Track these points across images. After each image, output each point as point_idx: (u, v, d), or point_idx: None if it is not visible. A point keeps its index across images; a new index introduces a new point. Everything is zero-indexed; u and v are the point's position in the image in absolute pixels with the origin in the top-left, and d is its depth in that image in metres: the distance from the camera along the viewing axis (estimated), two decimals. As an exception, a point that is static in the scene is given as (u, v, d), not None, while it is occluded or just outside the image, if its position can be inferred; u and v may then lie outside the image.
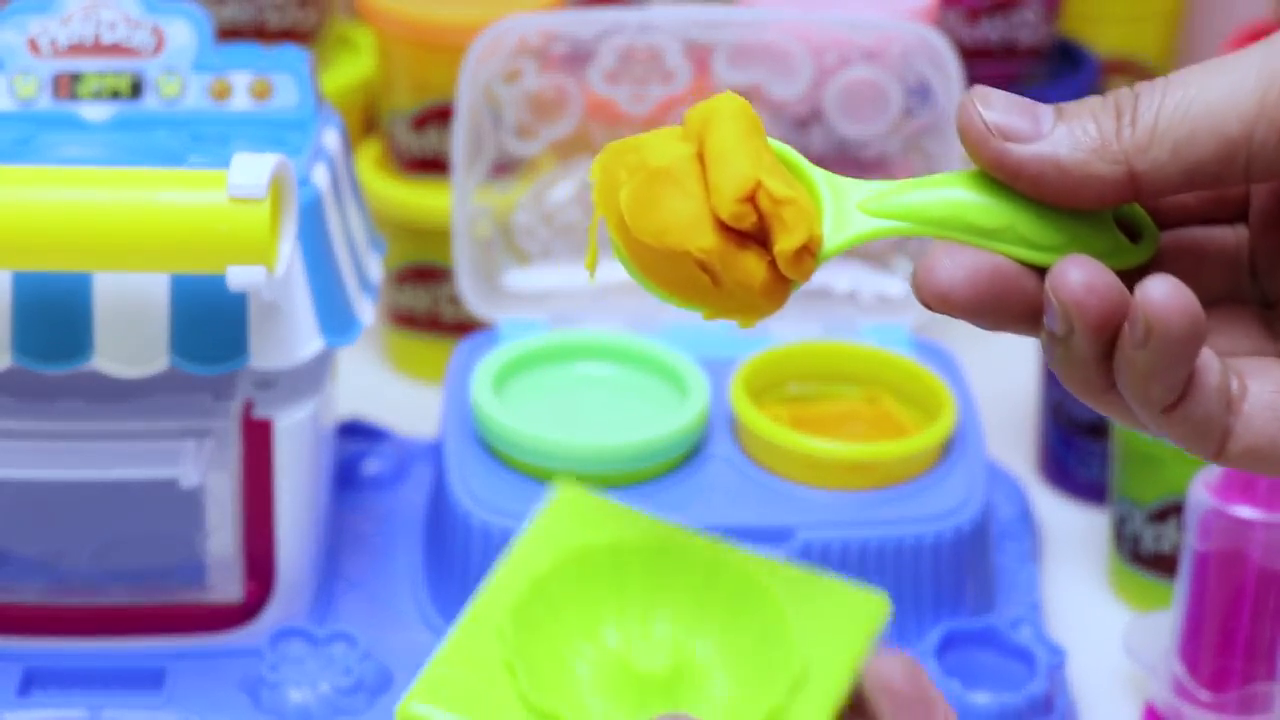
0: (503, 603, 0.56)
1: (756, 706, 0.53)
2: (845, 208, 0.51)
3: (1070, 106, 0.50)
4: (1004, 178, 0.50)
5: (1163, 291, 0.48)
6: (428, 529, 0.91)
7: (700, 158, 0.50)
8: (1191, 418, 0.50)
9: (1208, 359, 0.49)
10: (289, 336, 0.79)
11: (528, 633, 0.55)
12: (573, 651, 0.56)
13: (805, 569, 0.58)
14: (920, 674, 0.53)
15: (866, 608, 0.57)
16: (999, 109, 0.50)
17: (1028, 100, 0.50)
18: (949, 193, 0.51)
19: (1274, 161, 0.49)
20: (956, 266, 0.50)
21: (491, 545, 0.84)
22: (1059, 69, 1.20)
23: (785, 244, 0.50)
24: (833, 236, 0.51)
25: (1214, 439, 0.50)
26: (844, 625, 0.56)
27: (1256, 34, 1.17)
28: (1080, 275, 0.48)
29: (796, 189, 0.51)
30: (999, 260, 0.50)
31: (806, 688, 0.54)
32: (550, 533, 0.57)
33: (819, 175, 0.52)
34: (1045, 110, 0.50)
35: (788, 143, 0.53)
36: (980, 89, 0.51)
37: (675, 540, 0.57)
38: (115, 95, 0.84)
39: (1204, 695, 0.82)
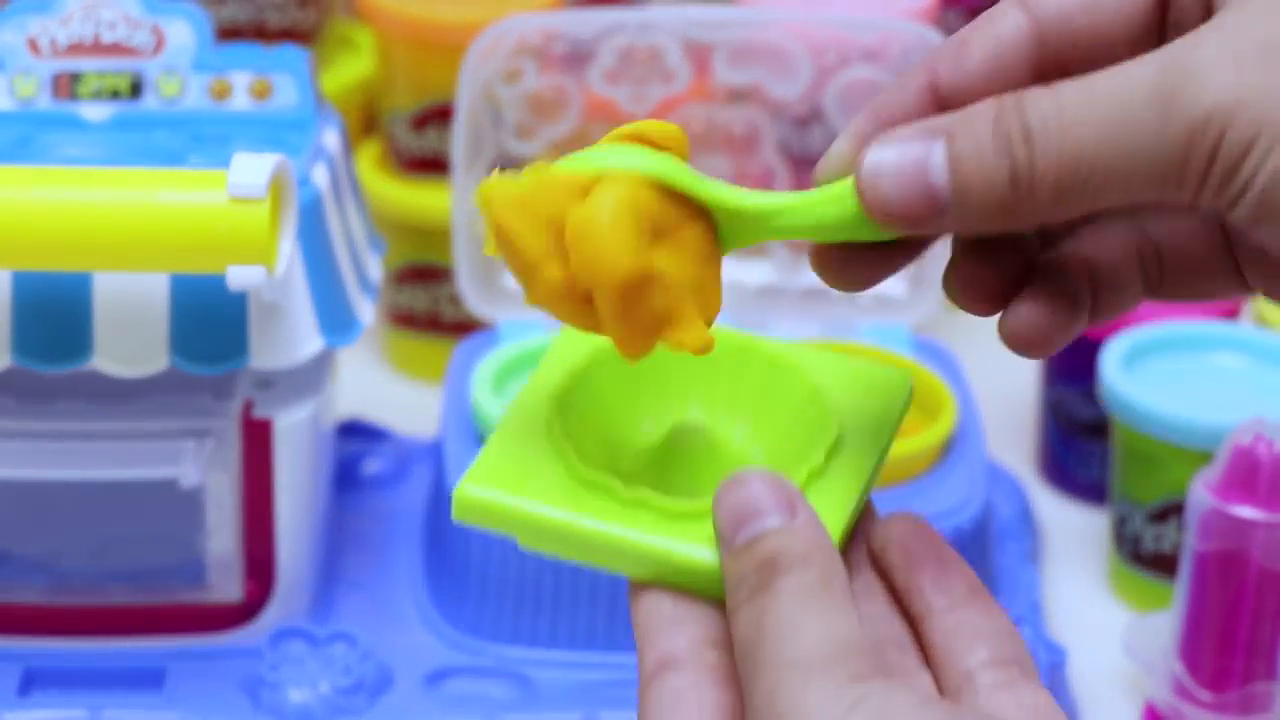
0: (546, 393, 0.56)
1: (796, 471, 0.54)
2: (735, 225, 0.53)
3: (967, 158, 0.48)
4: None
5: None
6: (428, 529, 0.91)
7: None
8: None
9: None
10: (289, 336, 0.79)
11: (572, 419, 0.55)
12: (615, 439, 0.57)
13: (831, 352, 0.59)
14: (929, 530, 0.53)
15: (894, 381, 0.58)
16: (892, 182, 0.49)
17: (918, 159, 0.48)
18: (821, 218, 0.52)
19: (1178, 200, 0.48)
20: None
21: (491, 545, 0.84)
22: (1059, 69, 1.20)
23: (679, 340, 0.52)
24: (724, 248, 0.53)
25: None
26: (873, 398, 0.57)
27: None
28: None
29: (678, 268, 0.52)
30: None
31: (842, 453, 0.55)
32: (580, 337, 0.57)
33: (713, 194, 0.52)
34: (937, 168, 0.48)
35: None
36: (870, 158, 0.49)
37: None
38: (115, 95, 0.84)
39: (1204, 695, 0.82)
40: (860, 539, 0.54)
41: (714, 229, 0.53)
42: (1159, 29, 0.49)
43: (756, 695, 0.47)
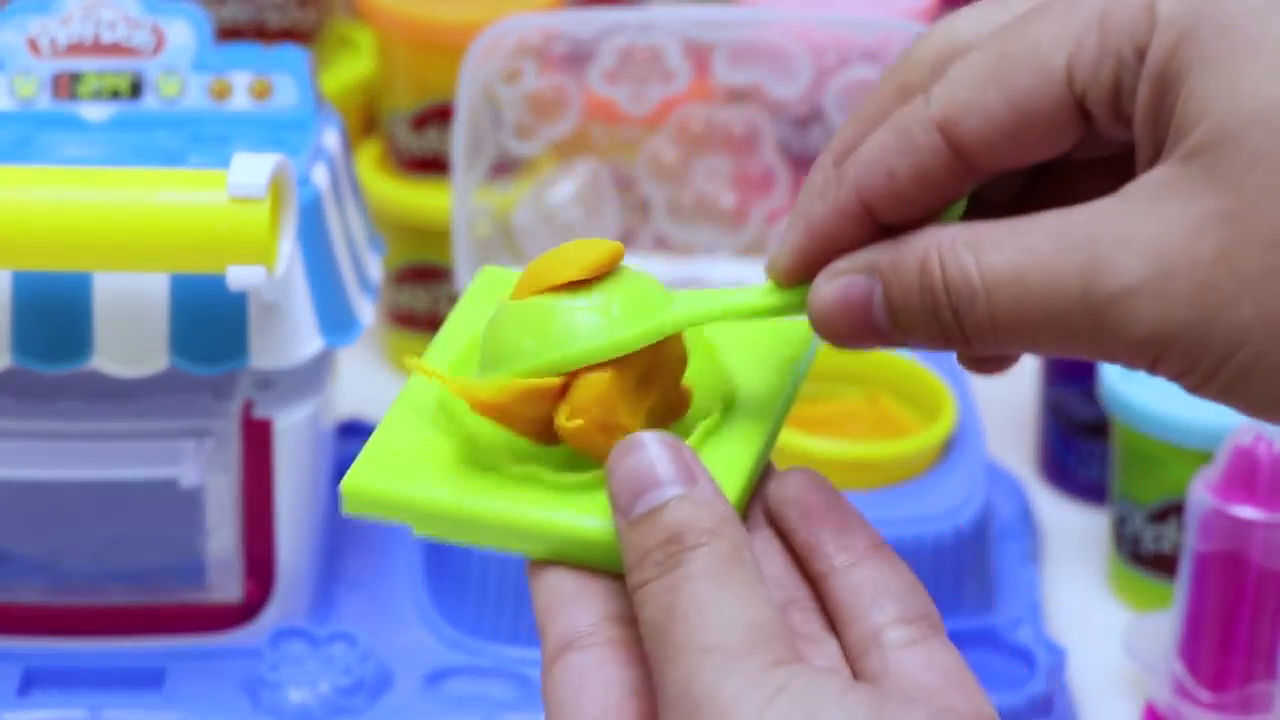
0: (438, 364, 0.55)
1: (693, 429, 0.53)
2: None
3: (896, 292, 0.48)
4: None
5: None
6: (428, 529, 0.91)
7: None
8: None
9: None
10: (289, 336, 0.79)
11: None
12: None
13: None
14: (825, 484, 0.52)
15: (796, 332, 0.57)
16: (837, 316, 0.50)
17: (860, 299, 0.49)
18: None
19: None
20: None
21: (491, 545, 0.84)
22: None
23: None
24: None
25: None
26: (775, 351, 0.56)
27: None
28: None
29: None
30: None
31: (740, 410, 0.54)
32: (477, 306, 0.56)
33: (672, 322, 0.52)
34: (878, 309, 0.49)
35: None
36: (816, 300, 0.50)
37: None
38: (115, 95, 0.84)
39: (1204, 695, 0.82)
40: (757, 496, 0.53)
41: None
42: (1085, 139, 0.48)
43: (670, 684, 0.46)
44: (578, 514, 0.50)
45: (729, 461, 0.52)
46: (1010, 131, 0.47)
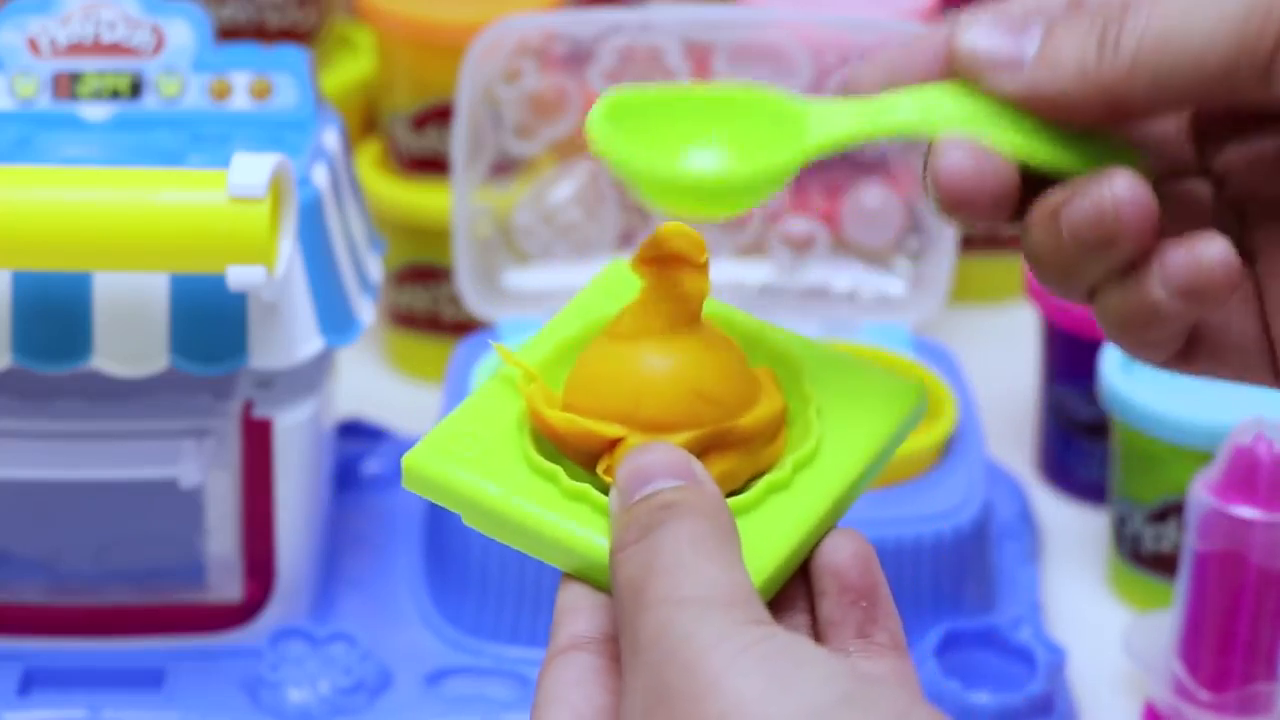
0: (527, 360, 0.55)
1: (757, 481, 0.52)
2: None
3: (1059, 25, 0.50)
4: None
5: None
6: (428, 529, 0.91)
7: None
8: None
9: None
10: (289, 336, 0.79)
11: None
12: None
13: (845, 351, 0.56)
14: (871, 560, 0.51)
15: (899, 392, 0.55)
16: (984, 33, 0.50)
17: (1018, 17, 0.50)
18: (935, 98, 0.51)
19: (1255, 94, 0.48)
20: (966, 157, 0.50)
21: (491, 545, 0.84)
22: (1059, 69, 1.21)
23: None
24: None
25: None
26: (870, 408, 0.54)
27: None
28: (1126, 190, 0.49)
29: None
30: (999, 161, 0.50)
31: (814, 465, 0.53)
32: (587, 305, 0.56)
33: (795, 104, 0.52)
34: (1033, 29, 0.50)
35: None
36: (968, 15, 0.51)
37: (716, 311, 0.56)
38: (115, 95, 0.84)
39: (1204, 695, 0.82)
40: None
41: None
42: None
43: (642, 632, 0.45)
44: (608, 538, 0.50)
45: (775, 526, 0.51)
46: None
